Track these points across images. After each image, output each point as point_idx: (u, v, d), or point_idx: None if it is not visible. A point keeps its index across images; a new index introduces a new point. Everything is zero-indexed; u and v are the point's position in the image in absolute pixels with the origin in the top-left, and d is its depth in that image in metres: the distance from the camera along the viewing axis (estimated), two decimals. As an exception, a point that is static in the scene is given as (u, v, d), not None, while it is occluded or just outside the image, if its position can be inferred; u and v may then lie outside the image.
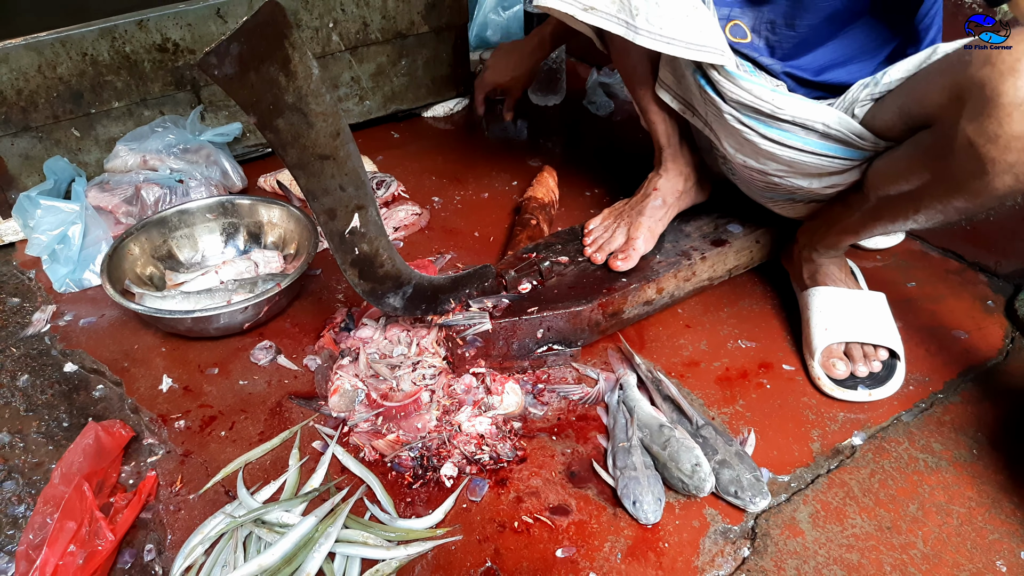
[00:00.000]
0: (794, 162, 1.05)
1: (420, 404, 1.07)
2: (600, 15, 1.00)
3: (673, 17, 0.97)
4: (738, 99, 1.03)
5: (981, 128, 0.78)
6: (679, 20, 0.97)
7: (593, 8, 1.00)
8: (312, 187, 0.88)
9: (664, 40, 0.98)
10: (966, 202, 0.88)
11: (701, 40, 0.98)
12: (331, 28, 1.64)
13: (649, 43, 0.99)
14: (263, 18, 0.73)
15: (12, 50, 1.34)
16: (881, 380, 1.10)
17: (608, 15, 1.00)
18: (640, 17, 0.98)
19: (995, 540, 0.91)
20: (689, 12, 0.97)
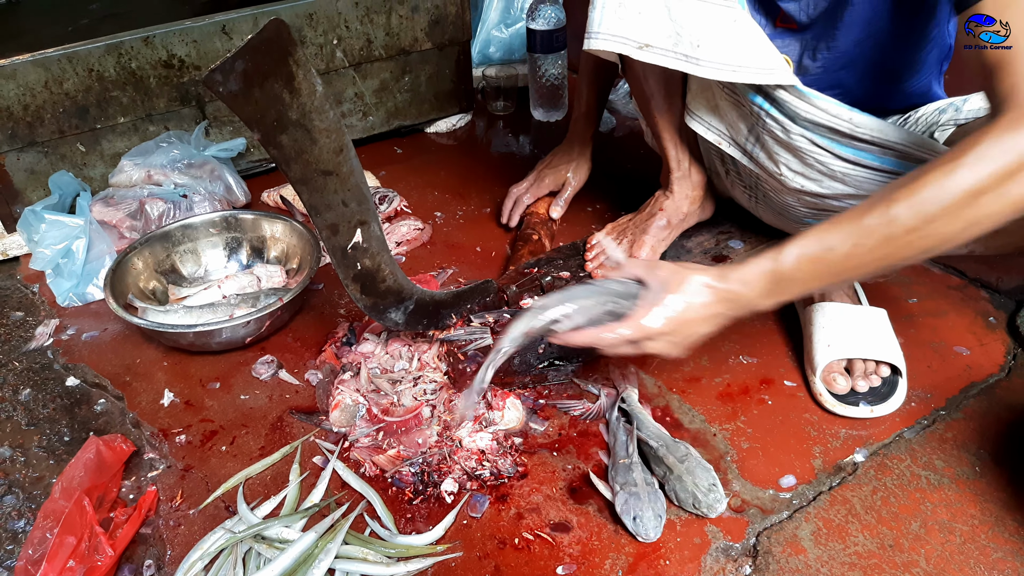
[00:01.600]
0: (866, 181, 1.01)
1: (421, 419, 1.07)
2: (656, 52, 0.98)
3: (736, 43, 0.95)
4: (812, 119, 0.99)
5: None
6: (743, 46, 0.95)
7: (648, 46, 0.98)
8: (315, 202, 0.89)
9: (730, 68, 0.95)
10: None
11: (769, 63, 0.95)
12: (335, 45, 1.65)
13: (714, 74, 0.96)
14: (268, 35, 0.74)
15: (19, 66, 1.36)
16: (883, 396, 1.10)
17: (665, 50, 0.98)
18: (703, 48, 0.95)
19: (999, 559, 0.90)
20: (751, 36, 0.95)
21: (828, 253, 0.80)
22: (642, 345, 0.87)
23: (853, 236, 0.78)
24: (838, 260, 0.79)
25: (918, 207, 0.75)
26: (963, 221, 0.74)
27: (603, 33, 0.99)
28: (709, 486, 0.95)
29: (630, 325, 0.85)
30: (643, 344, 0.86)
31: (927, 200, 0.74)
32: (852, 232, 0.78)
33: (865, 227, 0.77)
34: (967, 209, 0.73)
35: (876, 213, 0.77)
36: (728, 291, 0.84)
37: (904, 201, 0.75)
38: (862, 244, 0.78)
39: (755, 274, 0.83)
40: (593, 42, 1.00)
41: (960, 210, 0.73)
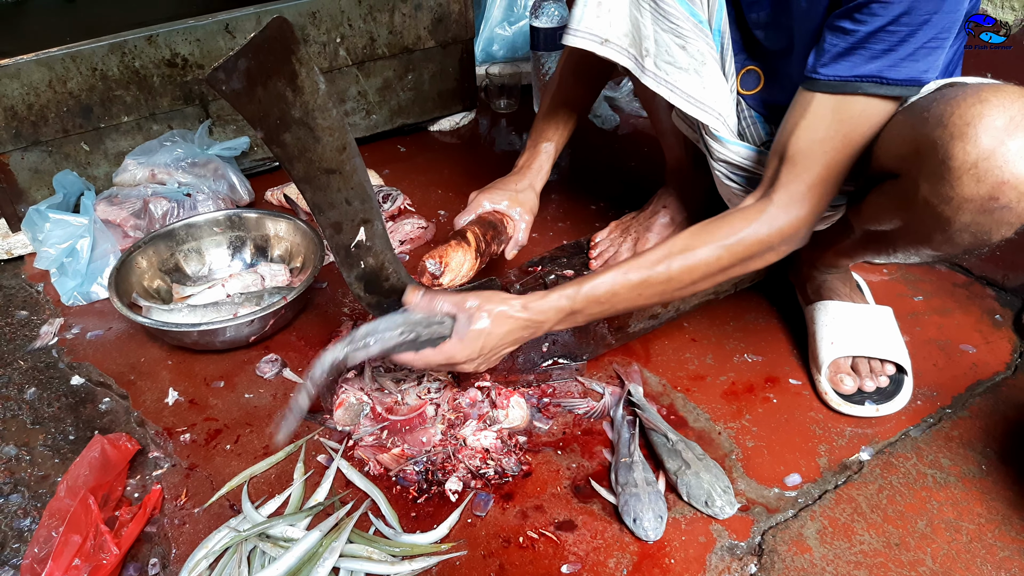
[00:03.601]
0: None
1: (425, 418, 1.07)
2: (614, 48, 1.02)
3: (681, 68, 0.98)
4: (725, 159, 1.06)
5: (935, 189, 0.78)
6: (686, 72, 0.98)
7: (608, 41, 1.02)
8: (318, 201, 0.89)
9: (668, 87, 1.00)
10: (933, 251, 0.90)
11: (702, 97, 0.99)
12: (338, 43, 1.65)
13: (653, 85, 1.01)
14: (271, 33, 0.74)
15: (23, 65, 1.36)
16: (888, 395, 1.09)
17: (620, 48, 1.02)
18: (648, 59, 1.00)
19: (1005, 557, 0.90)
20: (698, 68, 0.98)
21: (612, 297, 0.95)
22: (455, 367, 0.97)
23: (636, 288, 0.94)
24: (619, 303, 0.95)
25: (687, 274, 0.94)
26: (713, 283, 0.96)
27: (579, 30, 1.02)
28: (725, 487, 0.96)
29: (441, 352, 0.94)
30: (456, 366, 0.96)
31: (695, 269, 0.93)
32: (636, 283, 0.94)
33: (647, 282, 0.94)
34: (719, 275, 0.95)
35: (660, 269, 0.93)
36: (527, 320, 0.95)
37: (679, 266, 0.93)
38: (641, 294, 0.95)
39: (552, 308, 0.95)
40: (569, 38, 1.03)
41: (715, 276, 0.95)
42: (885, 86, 0.83)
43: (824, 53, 0.85)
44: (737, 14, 1.03)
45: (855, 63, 0.83)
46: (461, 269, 1.09)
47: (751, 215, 0.92)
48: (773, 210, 0.91)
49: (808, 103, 0.88)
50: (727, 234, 0.92)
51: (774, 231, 0.91)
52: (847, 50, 0.83)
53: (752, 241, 0.92)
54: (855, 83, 0.84)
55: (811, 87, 0.87)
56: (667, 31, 0.97)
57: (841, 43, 0.83)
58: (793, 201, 0.90)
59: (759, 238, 0.92)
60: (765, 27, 1.01)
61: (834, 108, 0.86)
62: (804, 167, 0.89)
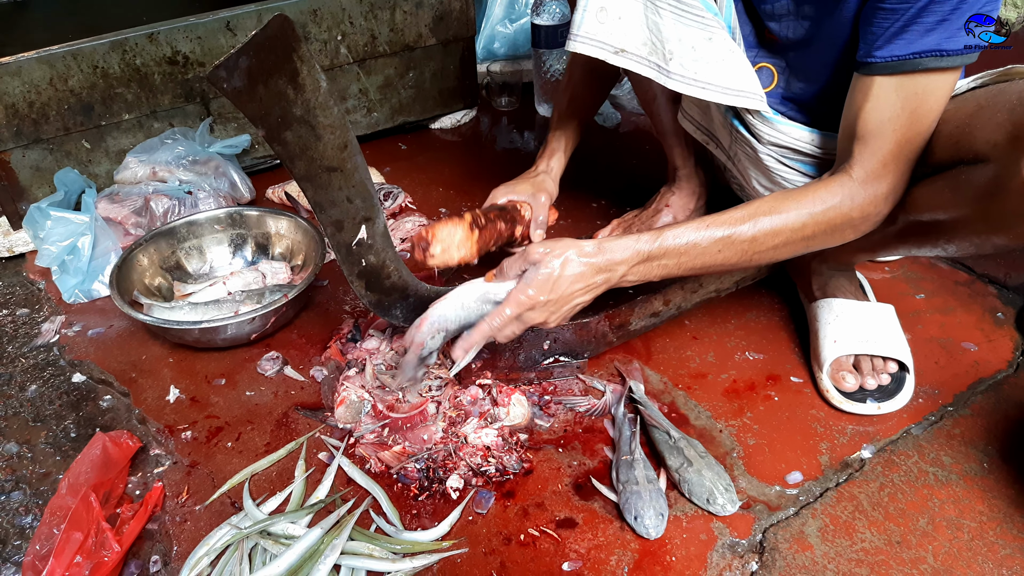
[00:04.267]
0: None
1: (426, 416, 1.07)
2: (631, 58, 0.99)
3: (709, 62, 0.96)
4: (775, 141, 1.03)
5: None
6: (715, 65, 0.96)
7: (624, 51, 0.99)
8: (319, 199, 0.89)
9: (699, 85, 0.97)
10: (1008, 241, 0.88)
11: (738, 85, 0.97)
12: (339, 41, 1.65)
13: (682, 87, 0.98)
14: (272, 31, 0.74)
15: (25, 63, 1.36)
16: (890, 393, 1.09)
17: (639, 58, 0.99)
18: (674, 62, 0.97)
19: (1007, 555, 0.90)
20: (725, 56, 0.96)
21: (692, 249, 0.92)
22: (524, 317, 0.93)
23: (719, 243, 0.92)
24: (698, 257, 0.93)
25: (771, 238, 0.91)
26: (791, 252, 0.94)
27: (582, 36, 1.00)
28: (727, 485, 0.96)
29: (510, 300, 0.92)
30: (525, 316, 0.93)
31: (780, 232, 0.91)
32: (719, 239, 0.91)
33: (731, 238, 0.91)
34: (799, 244, 0.93)
35: (744, 228, 0.91)
36: (601, 262, 0.91)
37: (765, 227, 0.91)
38: (722, 251, 0.92)
39: (629, 249, 0.92)
40: (572, 44, 1.01)
41: (795, 244, 0.93)
42: (945, 58, 0.81)
43: (875, 36, 0.84)
44: (747, 7, 1.01)
45: (910, 40, 0.82)
46: (452, 239, 1.08)
47: (834, 188, 0.91)
48: (854, 185, 0.90)
49: (868, 87, 0.87)
50: (813, 202, 0.91)
51: (855, 206, 0.91)
52: (901, 28, 0.82)
53: (836, 214, 0.91)
54: (914, 60, 0.82)
55: (868, 71, 0.86)
56: (691, 25, 0.95)
57: (892, 23, 0.82)
58: (871, 177, 0.90)
59: (843, 212, 0.91)
60: (781, 18, 0.99)
61: (897, 88, 0.85)
62: (877, 145, 0.88)
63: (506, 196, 1.22)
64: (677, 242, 0.92)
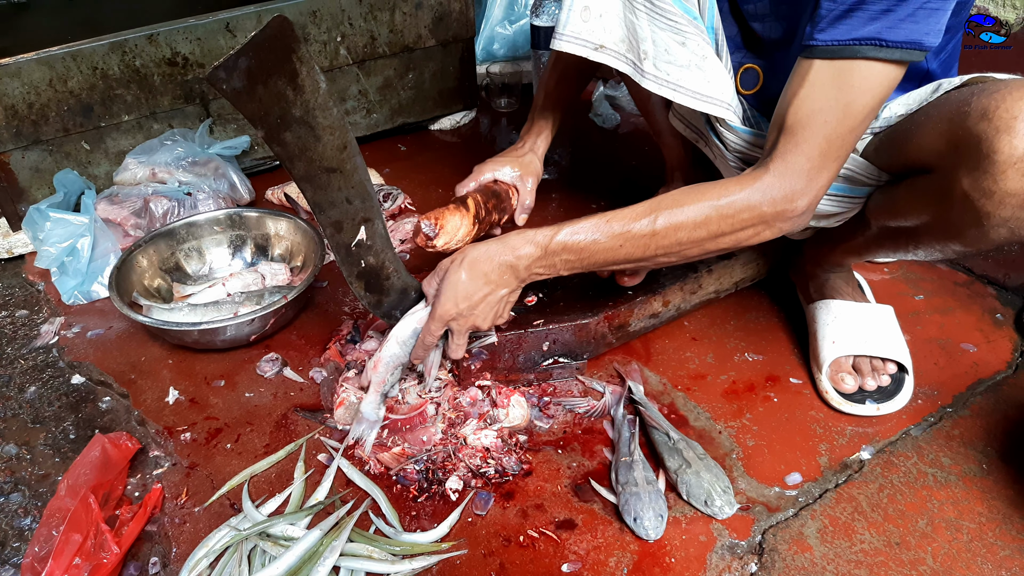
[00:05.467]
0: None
1: (425, 417, 1.07)
2: (610, 54, 1.00)
3: (681, 65, 0.96)
4: (739, 148, 1.04)
5: (976, 183, 0.78)
6: (688, 69, 0.96)
7: (603, 47, 1.00)
8: (319, 200, 0.89)
9: (670, 87, 0.97)
10: (963, 247, 0.89)
11: (708, 91, 0.97)
12: (339, 42, 1.65)
13: (655, 88, 0.98)
14: (271, 32, 0.74)
15: (24, 64, 1.36)
16: (889, 394, 1.09)
17: (617, 54, 1.00)
18: (648, 62, 0.97)
19: (1006, 556, 0.90)
20: (699, 62, 0.96)
21: (592, 244, 0.93)
22: (453, 327, 0.98)
23: (619, 238, 0.92)
24: (600, 252, 0.93)
25: (673, 232, 0.91)
26: (701, 249, 0.93)
27: (567, 35, 1.00)
28: (725, 487, 0.96)
29: (432, 318, 0.97)
30: (452, 326, 0.97)
31: (682, 227, 0.90)
32: (619, 234, 0.92)
33: (630, 233, 0.92)
34: (707, 241, 0.91)
35: (644, 222, 0.91)
36: (501, 259, 0.94)
37: (665, 221, 0.91)
38: (623, 246, 0.92)
39: (526, 245, 0.94)
40: (558, 43, 1.01)
41: (703, 241, 0.91)
42: (885, 48, 0.80)
43: (820, 19, 0.82)
44: (733, 8, 1.02)
45: (853, 26, 0.80)
46: (457, 233, 1.08)
47: (745, 181, 0.89)
48: (768, 178, 0.87)
49: (806, 72, 0.85)
50: (718, 195, 0.89)
51: (766, 200, 0.87)
52: (844, 13, 0.80)
53: (743, 206, 0.88)
54: (854, 47, 0.81)
55: (808, 55, 0.85)
56: (664, 29, 0.96)
57: (838, 7, 0.81)
58: (789, 171, 0.86)
59: (750, 204, 0.88)
60: (762, 18, 0.99)
61: (833, 75, 0.83)
62: (803, 137, 0.85)
63: (492, 174, 1.20)
64: (575, 238, 0.93)
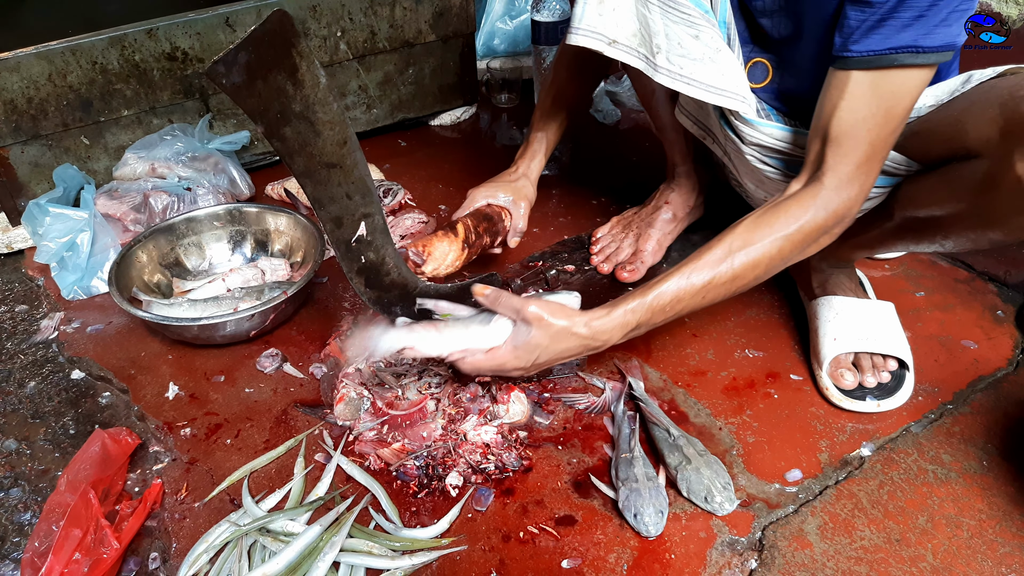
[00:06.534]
0: None
1: (425, 413, 1.07)
2: (622, 49, 1.00)
3: (695, 59, 0.96)
4: (756, 141, 1.03)
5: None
6: (701, 63, 0.96)
7: (616, 42, 0.99)
8: (319, 195, 0.89)
9: (684, 81, 0.97)
10: (1003, 236, 0.88)
11: (722, 84, 0.97)
12: (339, 37, 1.65)
13: (668, 82, 0.98)
14: (271, 27, 0.74)
15: (23, 59, 1.35)
16: (890, 390, 1.09)
17: (630, 49, 0.99)
18: (661, 56, 0.97)
19: (1006, 553, 0.90)
20: (713, 55, 0.96)
21: (677, 304, 0.93)
22: (504, 368, 0.96)
23: (702, 290, 0.93)
24: (684, 308, 0.94)
25: (751, 270, 0.92)
26: (773, 273, 0.95)
27: (584, 29, 1.00)
28: (725, 483, 0.95)
29: (493, 359, 0.95)
30: (505, 367, 0.96)
31: (759, 263, 0.92)
32: (702, 286, 0.92)
33: (712, 283, 0.92)
34: (779, 265, 0.94)
35: (723, 268, 0.92)
36: (589, 338, 0.94)
37: (742, 262, 0.92)
38: (706, 297, 0.93)
39: (617, 326, 0.93)
40: (573, 37, 1.01)
41: (776, 267, 0.94)
42: (922, 54, 0.81)
43: (852, 30, 0.83)
44: (740, 4, 1.02)
45: (886, 35, 0.81)
46: (445, 259, 1.11)
47: (805, 201, 0.91)
48: (827, 194, 0.90)
49: (844, 83, 0.86)
50: (785, 223, 0.91)
51: (830, 215, 0.90)
52: (877, 23, 0.81)
53: (811, 228, 0.91)
54: (890, 55, 0.82)
55: (844, 66, 0.86)
56: (678, 22, 0.95)
57: (869, 17, 0.82)
58: (843, 183, 0.89)
59: (817, 224, 0.91)
60: (771, 14, 0.99)
61: (872, 84, 0.85)
62: (850, 147, 0.87)
63: (486, 199, 1.22)
64: (661, 302, 0.93)
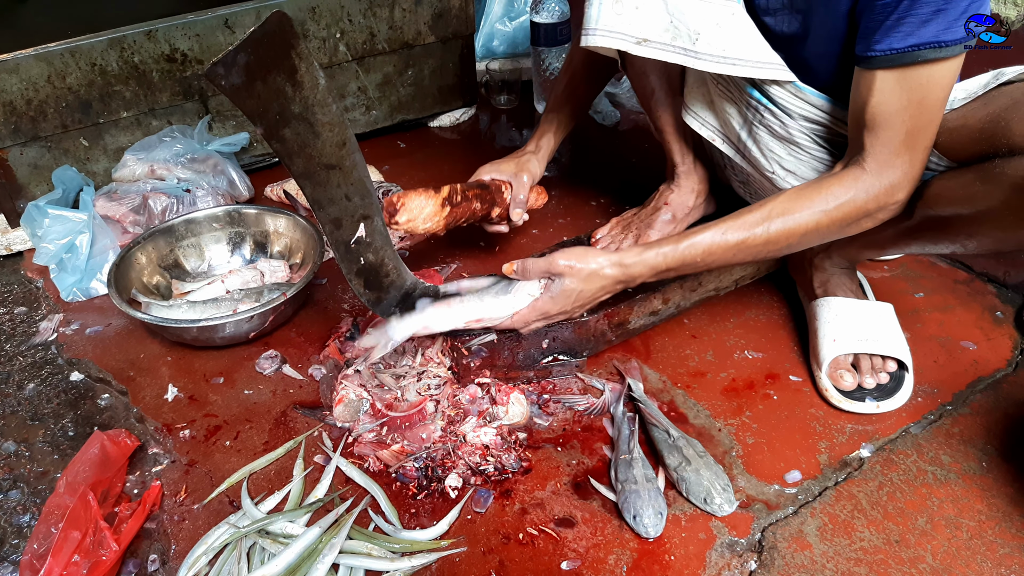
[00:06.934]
0: None
1: (425, 414, 1.07)
2: (655, 47, 0.99)
3: (735, 37, 0.96)
4: (806, 115, 1.02)
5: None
6: (742, 40, 0.96)
7: (647, 40, 0.99)
8: (318, 197, 0.89)
9: (729, 62, 0.97)
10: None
11: (767, 58, 0.97)
12: (338, 38, 1.65)
13: (713, 67, 0.97)
14: (270, 28, 0.74)
15: (22, 60, 1.35)
16: (889, 392, 1.09)
17: (663, 44, 0.99)
18: (701, 41, 0.97)
19: (1006, 554, 0.90)
20: (748, 30, 0.97)
21: (708, 256, 0.98)
22: (549, 317, 1.04)
23: (735, 248, 0.97)
24: (714, 262, 0.99)
25: (785, 238, 0.95)
26: (807, 244, 0.98)
27: (600, 29, 0.99)
28: (725, 485, 0.95)
29: (534, 309, 1.01)
30: (550, 317, 1.04)
31: (794, 232, 0.95)
32: (735, 244, 0.96)
33: (746, 242, 0.96)
34: (815, 238, 0.97)
35: (759, 231, 0.95)
36: (620, 275, 0.99)
37: (779, 228, 0.95)
38: (737, 255, 0.97)
39: (647, 266, 0.99)
40: (591, 38, 1.00)
41: (811, 238, 0.96)
42: (944, 48, 0.82)
43: (872, 30, 0.84)
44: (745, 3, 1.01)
45: (907, 32, 0.82)
46: (421, 213, 1.12)
47: (847, 181, 0.93)
48: (868, 177, 0.92)
49: (871, 82, 0.87)
50: (826, 199, 0.93)
51: (871, 197, 0.92)
52: (897, 20, 0.82)
53: (851, 208, 0.93)
54: (913, 52, 0.83)
55: (869, 65, 0.87)
56: (711, 1, 0.95)
57: (887, 16, 0.82)
58: (884, 167, 0.91)
59: (857, 205, 0.93)
60: (776, 12, 0.99)
61: (899, 81, 0.86)
62: (889, 134, 0.89)
63: (490, 174, 1.27)
64: (693, 251, 0.97)
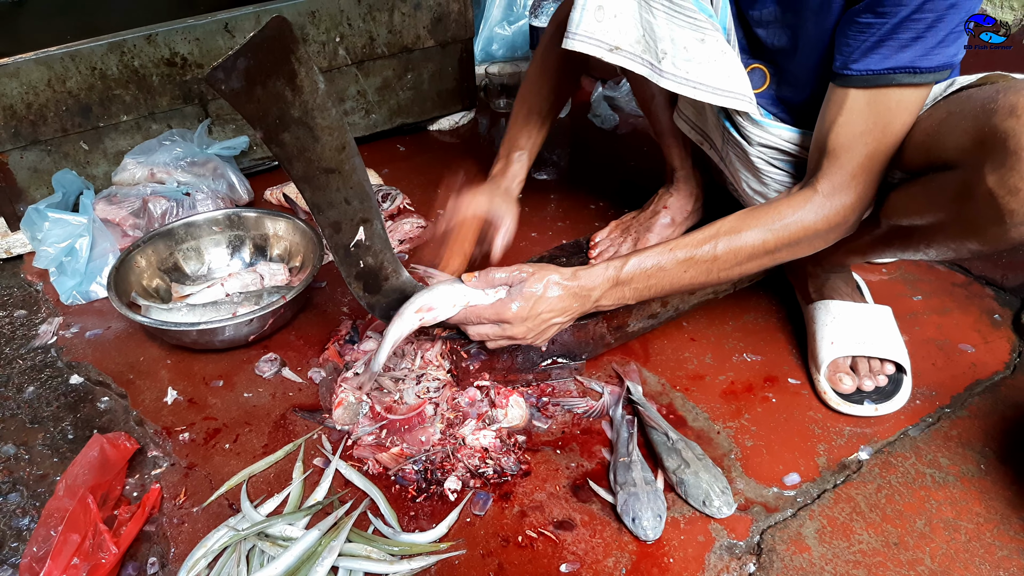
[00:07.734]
0: None
1: (424, 417, 1.07)
2: (625, 55, 1.00)
3: (701, 62, 0.96)
4: (764, 142, 1.04)
5: (1003, 180, 0.77)
6: (706, 65, 0.97)
7: (618, 48, 0.99)
8: (317, 200, 0.89)
9: (690, 85, 0.98)
10: (980, 245, 0.88)
11: (728, 86, 0.98)
12: (338, 43, 1.65)
13: (674, 87, 0.98)
14: (270, 33, 0.74)
15: (23, 64, 1.36)
16: (887, 394, 1.09)
17: (633, 55, 0.99)
18: (666, 61, 0.97)
19: (1004, 557, 0.90)
20: (717, 57, 0.97)
21: (659, 272, 0.97)
22: (505, 328, 0.99)
23: (683, 264, 0.97)
24: (665, 279, 0.98)
25: (733, 256, 0.96)
26: (759, 265, 0.98)
27: (580, 34, 1.00)
28: (724, 487, 0.96)
29: (492, 309, 0.97)
30: (506, 327, 0.98)
31: (741, 251, 0.96)
32: (683, 261, 0.97)
33: (693, 259, 0.97)
34: (765, 258, 0.97)
35: (706, 248, 0.96)
36: (577, 287, 0.97)
37: (725, 247, 0.96)
38: (687, 272, 0.97)
39: (599, 277, 0.98)
40: (570, 42, 1.01)
41: (761, 258, 0.97)
42: (920, 74, 0.83)
43: (852, 49, 0.86)
44: (738, 14, 1.02)
45: (885, 55, 0.83)
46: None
47: (797, 202, 0.95)
48: (818, 199, 0.93)
49: (843, 100, 0.89)
50: (774, 219, 0.95)
51: (820, 219, 0.94)
52: (876, 43, 0.83)
53: (798, 228, 0.94)
54: (888, 75, 0.84)
55: (843, 83, 0.88)
56: (684, 26, 0.95)
57: (868, 37, 0.84)
58: (837, 189, 0.92)
59: (805, 225, 0.94)
60: (767, 25, 1.00)
61: (869, 102, 0.87)
62: (847, 159, 0.91)
63: (473, 212, 1.19)
64: (643, 266, 0.97)
